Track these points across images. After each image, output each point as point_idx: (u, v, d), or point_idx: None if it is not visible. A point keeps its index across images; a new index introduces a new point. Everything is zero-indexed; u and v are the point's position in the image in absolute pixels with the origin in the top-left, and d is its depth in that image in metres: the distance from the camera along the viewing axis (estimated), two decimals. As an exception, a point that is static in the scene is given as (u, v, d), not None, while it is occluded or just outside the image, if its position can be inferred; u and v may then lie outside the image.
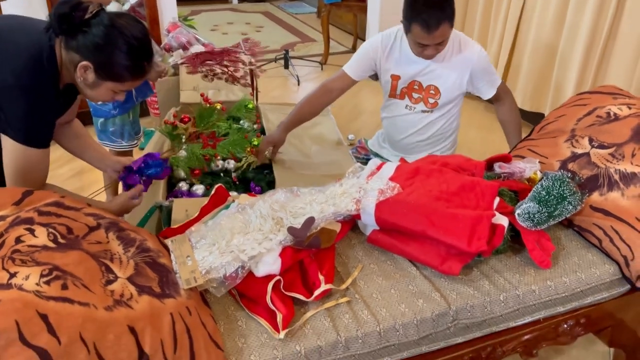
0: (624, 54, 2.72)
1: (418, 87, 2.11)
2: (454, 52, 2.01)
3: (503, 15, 3.44)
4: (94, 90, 1.34)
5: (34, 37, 1.30)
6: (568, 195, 1.40)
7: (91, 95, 1.37)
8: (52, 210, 1.12)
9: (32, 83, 1.27)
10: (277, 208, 1.35)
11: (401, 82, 2.13)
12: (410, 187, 1.43)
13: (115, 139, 2.32)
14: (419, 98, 2.13)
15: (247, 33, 5.69)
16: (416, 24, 1.83)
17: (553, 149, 1.67)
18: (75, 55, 1.28)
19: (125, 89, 1.37)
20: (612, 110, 1.64)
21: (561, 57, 3.04)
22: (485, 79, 2.06)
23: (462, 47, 2.02)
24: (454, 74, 2.03)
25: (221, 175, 2.13)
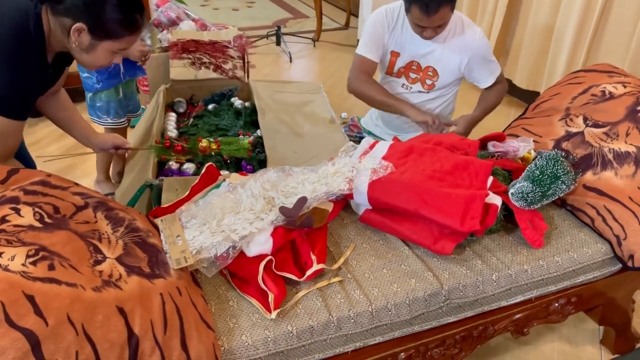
0: (616, 31, 2.69)
1: (416, 68, 2.08)
2: (455, 35, 1.98)
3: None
4: (90, 54, 1.31)
5: (20, 4, 1.26)
6: (562, 175, 1.39)
7: (88, 60, 1.34)
8: (38, 190, 1.09)
9: (16, 52, 1.23)
10: (268, 187, 1.33)
11: (400, 61, 2.10)
12: (403, 166, 1.42)
13: (102, 115, 2.28)
14: (416, 78, 2.10)
15: (238, 9, 5.59)
16: (416, 5, 1.79)
17: (547, 128, 1.65)
18: (65, 20, 1.24)
19: (123, 47, 1.33)
20: (607, 89, 1.63)
21: (557, 35, 3.01)
22: (485, 66, 2.03)
23: (464, 30, 1.98)
24: (454, 57, 2.00)
25: (212, 153, 2.11)
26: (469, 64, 2.01)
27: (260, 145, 2.14)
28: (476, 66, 2.02)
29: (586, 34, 2.81)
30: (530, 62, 3.24)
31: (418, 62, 2.06)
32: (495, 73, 2.06)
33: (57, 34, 1.27)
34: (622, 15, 2.64)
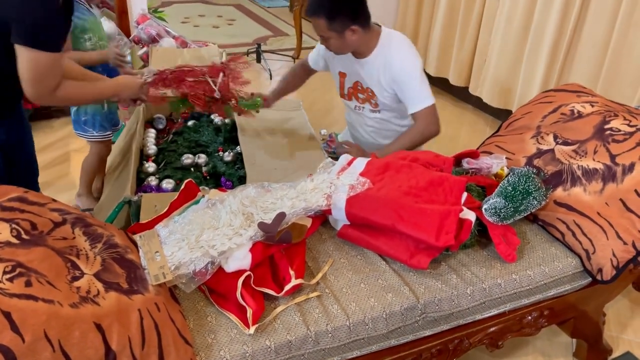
0: (588, 53, 2.79)
1: (361, 88, 2.07)
2: (381, 54, 1.93)
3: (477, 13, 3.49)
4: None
5: None
6: (533, 191, 1.44)
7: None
8: (15, 206, 1.09)
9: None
10: (247, 203, 1.34)
11: (347, 81, 2.11)
12: (380, 182, 1.44)
13: (87, 129, 2.27)
14: (364, 99, 2.08)
15: (218, 26, 5.63)
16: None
17: (519, 145, 1.70)
18: None
19: None
20: (576, 108, 1.69)
21: (528, 55, 3.10)
22: (405, 91, 1.91)
23: (391, 49, 1.91)
24: (380, 76, 1.94)
25: (191, 170, 2.11)
26: (392, 85, 1.93)
27: (240, 162, 2.16)
28: (397, 88, 1.92)
29: (559, 55, 2.90)
30: (502, 82, 3.33)
31: (360, 82, 2.04)
32: (417, 102, 1.89)
33: None
34: (593, 35, 2.74)
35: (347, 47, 1.92)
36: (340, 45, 1.90)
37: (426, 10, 3.98)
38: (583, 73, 2.82)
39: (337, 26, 1.81)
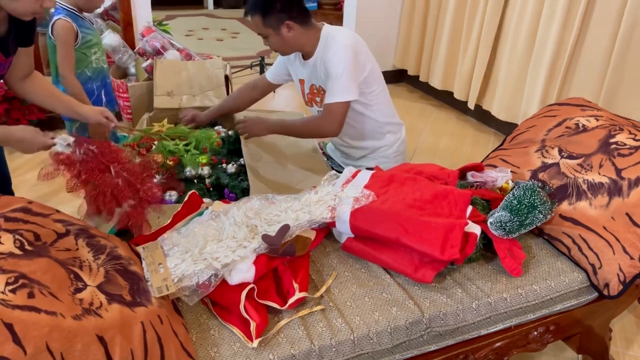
0: (589, 65, 2.80)
1: (317, 91, 2.08)
2: (320, 50, 1.95)
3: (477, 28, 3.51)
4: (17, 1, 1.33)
5: None
6: (539, 205, 1.43)
7: (16, 8, 1.36)
8: (19, 217, 1.08)
9: None
10: (251, 215, 1.34)
11: (306, 87, 2.13)
12: (384, 195, 1.44)
13: None
14: (321, 100, 2.08)
15: (222, 39, 5.67)
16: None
17: (524, 159, 1.70)
18: None
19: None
20: (581, 122, 1.69)
21: (532, 69, 3.11)
22: (327, 86, 1.90)
23: (325, 48, 1.92)
24: (322, 73, 1.97)
25: (195, 181, 2.10)
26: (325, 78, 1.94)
27: (244, 174, 2.15)
28: (326, 79, 1.92)
29: (559, 69, 2.91)
30: (508, 95, 3.34)
31: (314, 84, 2.07)
32: (332, 96, 1.87)
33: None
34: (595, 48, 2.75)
35: (288, 46, 1.95)
36: (279, 43, 1.93)
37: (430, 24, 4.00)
38: (585, 86, 2.82)
39: (271, 22, 1.85)
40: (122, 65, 2.95)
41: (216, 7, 6.96)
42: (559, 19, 2.82)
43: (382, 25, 4.23)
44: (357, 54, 1.93)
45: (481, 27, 3.46)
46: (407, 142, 2.35)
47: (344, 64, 1.87)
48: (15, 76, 1.61)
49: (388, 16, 4.21)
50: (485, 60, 3.48)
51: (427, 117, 3.92)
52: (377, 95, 2.08)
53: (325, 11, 4.47)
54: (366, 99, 2.06)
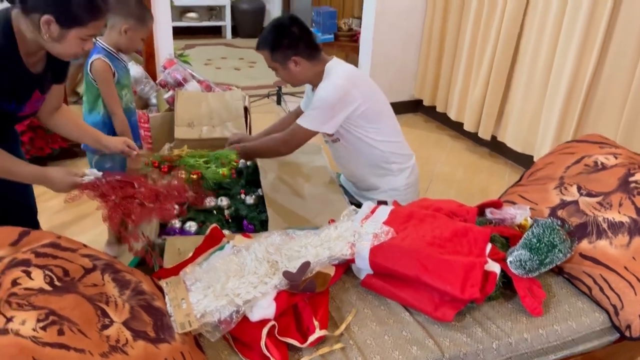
0: (606, 101, 2.80)
1: None
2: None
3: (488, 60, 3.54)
4: (62, 44, 1.39)
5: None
6: (558, 243, 1.43)
7: (60, 50, 1.42)
8: (48, 252, 1.11)
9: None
10: (272, 251, 1.35)
11: None
12: (404, 231, 1.45)
13: None
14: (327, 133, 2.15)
15: (240, 68, 5.77)
16: None
17: (542, 196, 1.70)
18: (35, 15, 1.33)
19: (90, 33, 1.41)
20: (599, 160, 1.69)
21: (548, 102, 3.12)
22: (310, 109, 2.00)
23: (325, 79, 2.02)
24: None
25: (214, 212, 2.13)
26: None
27: (262, 204, 2.18)
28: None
29: (576, 102, 2.92)
30: (523, 127, 3.35)
31: None
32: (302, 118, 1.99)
33: (28, 34, 1.37)
34: (611, 83, 2.76)
35: (295, 78, 2.06)
36: (287, 77, 2.04)
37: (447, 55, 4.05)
38: (602, 121, 2.82)
39: (278, 57, 1.96)
40: (143, 96, 3.02)
41: (234, 36, 7.10)
42: (575, 52, 2.84)
43: (398, 56, 4.29)
44: (346, 94, 1.97)
45: (493, 59, 3.49)
46: (423, 173, 2.37)
47: (326, 98, 1.95)
48: (45, 110, 1.67)
49: (404, 47, 4.27)
50: (498, 92, 3.51)
51: (442, 148, 3.93)
52: (380, 129, 2.12)
53: (342, 43, 4.54)
54: (366, 132, 2.11)
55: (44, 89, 1.56)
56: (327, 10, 4.45)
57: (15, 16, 1.37)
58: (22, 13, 1.35)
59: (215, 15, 7.02)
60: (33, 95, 1.53)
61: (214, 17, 7.01)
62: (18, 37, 1.39)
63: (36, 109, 1.61)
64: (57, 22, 1.32)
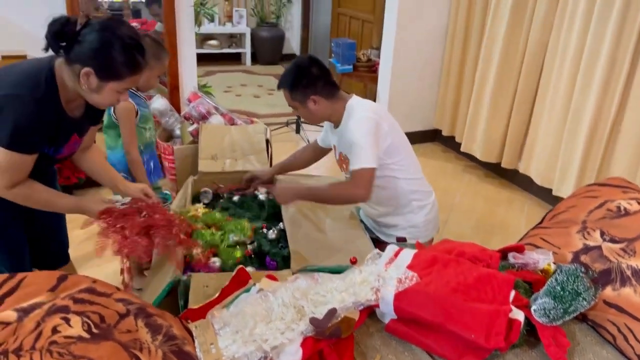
0: (629, 141, 2.80)
1: (345, 158, 2.17)
2: (344, 122, 2.09)
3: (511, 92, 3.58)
4: (99, 95, 1.46)
5: (36, 60, 1.48)
6: (582, 291, 1.43)
7: (97, 100, 1.49)
8: (85, 298, 1.15)
9: (25, 94, 1.41)
10: (298, 296, 1.38)
11: (336, 153, 2.25)
12: (428, 276, 1.47)
13: None
14: (346, 168, 2.18)
15: (259, 96, 5.87)
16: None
17: (565, 239, 1.71)
18: (76, 66, 1.41)
19: (127, 86, 1.48)
20: (622, 205, 1.70)
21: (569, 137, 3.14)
22: (352, 154, 2.00)
23: (348, 118, 2.07)
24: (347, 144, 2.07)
25: (237, 247, 2.17)
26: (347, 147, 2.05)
27: (283, 239, 2.20)
28: (348, 148, 2.02)
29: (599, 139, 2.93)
30: (544, 161, 3.36)
31: (342, 152, 2.18)
32: (355, 163, 1.97)
33: (69, 82, 1.45)
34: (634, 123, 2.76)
35: (315, 117, 2.11)
36: (307, 115, 2.11)
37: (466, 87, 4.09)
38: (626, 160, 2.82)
39: (298, 96, 2.04)
40: (168, 128, 3.09)
41: (253, 63, 7.24)
42: (596, 90, 2.86)
43: (417, 86, 4.34)
44: (378, 126, 2.03)
45: (515, 92, 3.53)
46: (442, 204, 2.40)
47: (365, 133, 1.98)
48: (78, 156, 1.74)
49: (423, 77, 4.32)
50: (522, 125, 3.53)
51: (461, 178, 3.95)
52: (400, 165, 2.16)
53: (361, 73, 4.61)
54: (389, 169, 2.14)
55: (82, 133, 1.62)
56: (346, 41, 4.53)
57: (59, 65, 1.44)
58: (65, 62, 1.42)
59: (236, 42, 7.17)
60: (71, 138, 1.59)
61: (234, 44, 7.16)
62: (60, 84, 1.46)
63: (74, 150, 1.67)
64: (97, 75, 1.39)
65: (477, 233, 3.19)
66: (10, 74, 1.47)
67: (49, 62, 1.46)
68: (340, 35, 6.16)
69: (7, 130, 1.40)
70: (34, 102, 1.42)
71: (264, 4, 7.06)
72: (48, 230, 1.80)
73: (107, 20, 1.44)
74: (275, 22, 7.22)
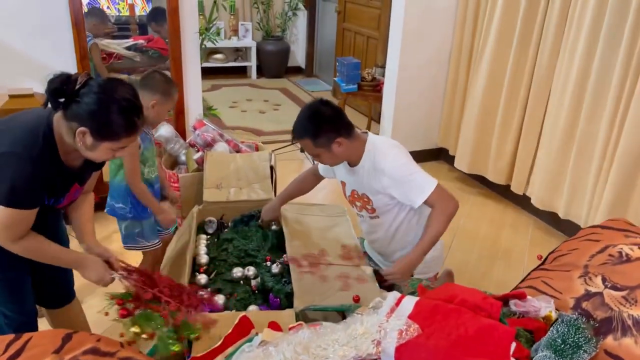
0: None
1: (358, 196, 2.20)
2: (369, 161, 2.08)
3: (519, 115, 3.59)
4: (94, 152, 1.49)
5: (35, 114, 1.50)
6: (583, 344, 1.44)
7: (92, 157, 1.52)
8: (89, 359, 1.17)
9: (22, 152, 1.44)
10: (300, 351, 1.39)
11: (347, 189, 2.26)
12: (429, 327, 1.48)
13: (140, 240, 2.38)
14: (361, 206, 2.22)
15: (265, 111, 5.89)
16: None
17: (567, 284, 1.71)
18: (73, 123, 1.43)
19: (122, 146, 1.51)
20: (624, 251, 1.70)
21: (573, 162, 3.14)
22: (405, 186, 2.02)
23: (375, 156, 2.06)
24: (374, 182, 2.08)
25: (241, 283, 2.19)
26: (389, 187, 2.05)
27: (287, 274, 2.22)
28: (395, 187, 2.04)
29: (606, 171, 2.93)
30: (546, 183, 3.36)
31: (356, 190, 2.19)
32: (422, 192, 2.00)
33: (67, 137, 1.47)
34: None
35: (339, 159, 2.10)
36: (331, 158, 2.09)
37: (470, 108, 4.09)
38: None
39: (322, 142, 2.00)
40: (173, 154, 3.12)
41: (259, 76, 7.27)
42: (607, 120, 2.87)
43: (422, 105, 4.35)
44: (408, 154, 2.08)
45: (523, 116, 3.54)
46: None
47: (408, 166, 2.03)
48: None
49: (427, 96, 4.33)
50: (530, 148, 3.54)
51: (466, 199, 3.95)
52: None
53: (365, 92, 4.62)
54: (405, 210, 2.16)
55: (83, 181, 1.65)
56: (351, 61, 4.55)
57: (57, 119, 1.47)
58: (63, 117, 1.45)
59: (241, 56, 7.21)
60: (72, 188, 1.61)
61: (239, 58, 7.20)
62: (58, 139, 1.48)
63: (74, 198, 1.70)
64: (92, 135, 1.42)
65: (480, 259, 3.19)
66: (9, 129, 1.50)
67: (47, 116, 1.48)
68: (345, 50, 6.19)
69: (5, 188, 1.43)
70: (30, 161, 1.44)
71: (270, 17, 7.09)
72: (54, 271, 1.82)
73: (107, 82, 1.46)
74: (280, 36, 7.25)
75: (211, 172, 2.82)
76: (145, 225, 2.41)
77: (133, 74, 4.20)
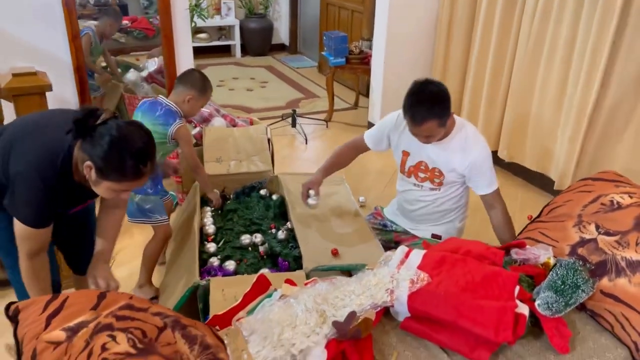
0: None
1: (424, 168, 2.27)
2: (459, 141, 2.16)
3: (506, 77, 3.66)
4: (97, 187, 1.55)
5: (57, 136, 1.53)
6: (581, 284, 1.54)
7: (97, 191, 1.58)
8: (126, 314, 1.24)
9: (39, 175, 1.51)
10: (319, 301, 1.47)
11: (410, 160, 2.31)
12: (438, 276, 1.57)
13: (152, 215, 2.42)
14: (425, 177, 2.29)
15: (252, 89, 5.90)
16: (406, 116, 2.06)
17: (562, 233, 1.82)
18: (85, 155, 1.50)
19: (124, 189, 1.56)
20: (615, 199, 1.81)
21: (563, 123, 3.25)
22: (483, 175, 2.18)
23: (467, 139, 2.15)
24: (456, 161, 2.17)
25: (249, 249, 2.26)
26: (469, 169, 2.16)
27: (292, 239, 2.30)
28: (475, 173, 2.17)
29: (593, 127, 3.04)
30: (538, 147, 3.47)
31: (426, 162, 2.25)
32: (491, 185, 2.18)
33: (80, 165, 1.53)
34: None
35: (445, 135, 2.15)
36: (439, 136, 2.11)
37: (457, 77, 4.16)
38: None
39: (445, 121, 2.05)
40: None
41: (243, 54, 7.25)
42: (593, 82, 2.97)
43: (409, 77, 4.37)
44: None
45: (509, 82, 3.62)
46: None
47: (490, 157, 2.19)
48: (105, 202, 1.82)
49: (416, 68, 4.38)
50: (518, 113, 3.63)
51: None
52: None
53: (353, 65, 4.66)
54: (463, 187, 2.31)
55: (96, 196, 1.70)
56: (338, 35, 4.57)
57: (77, 146, 1.53)
58: (79, 148, 1.50)
59: (225, 35, 7.16)
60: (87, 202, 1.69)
61: (223, 36, 7.16)
62: (74, 165, 1.55)
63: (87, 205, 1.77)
64: (95, 172, 1.48)
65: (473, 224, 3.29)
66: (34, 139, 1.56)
67: (69, 141, 1.52)
68: (329, 25, 6.20)
69: (20, 206, 1.53)
70: (44, 189, 1.52)
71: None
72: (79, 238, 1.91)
73: (126, 126, 1.50)
74: (263, 13, 7.22)
75: (210, 147, 2.87)
76: (157, 201, 2.46)
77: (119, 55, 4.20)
